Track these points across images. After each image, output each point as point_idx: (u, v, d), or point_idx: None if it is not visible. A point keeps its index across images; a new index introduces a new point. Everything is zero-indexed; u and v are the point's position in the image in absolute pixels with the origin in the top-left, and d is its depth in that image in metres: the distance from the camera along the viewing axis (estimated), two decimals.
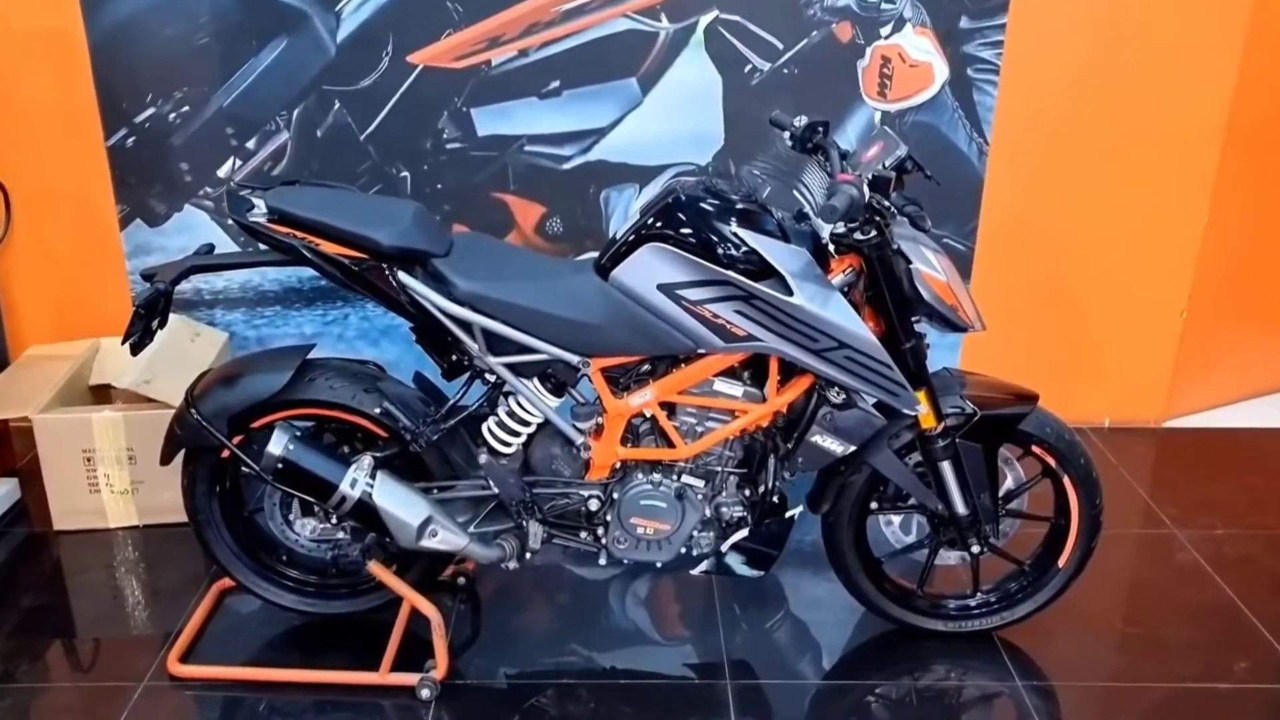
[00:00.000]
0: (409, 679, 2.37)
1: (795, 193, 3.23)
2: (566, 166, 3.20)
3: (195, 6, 3.00)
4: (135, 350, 2.22)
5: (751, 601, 2.69)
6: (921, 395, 2.24)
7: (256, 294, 3.33)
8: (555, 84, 3.12)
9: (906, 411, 2.24)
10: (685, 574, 2.75)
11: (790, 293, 2.11)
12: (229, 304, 3.33)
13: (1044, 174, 3.30)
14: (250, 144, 3.16)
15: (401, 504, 2.28)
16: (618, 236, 2.23)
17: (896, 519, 2.53)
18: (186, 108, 3.11)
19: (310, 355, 2.38)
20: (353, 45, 3.06)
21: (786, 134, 2.35)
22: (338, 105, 3.12)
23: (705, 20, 3.07)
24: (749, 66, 3.11)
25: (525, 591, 2.75)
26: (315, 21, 3.04)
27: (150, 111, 3.11)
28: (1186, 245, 3.38)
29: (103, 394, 3.16)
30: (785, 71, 3.12)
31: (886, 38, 3.10)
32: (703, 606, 2.69)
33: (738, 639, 2.57)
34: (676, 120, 3.15)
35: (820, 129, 2.30)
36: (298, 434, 2.28)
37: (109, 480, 2.93)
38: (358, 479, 2.26)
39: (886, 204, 2.05)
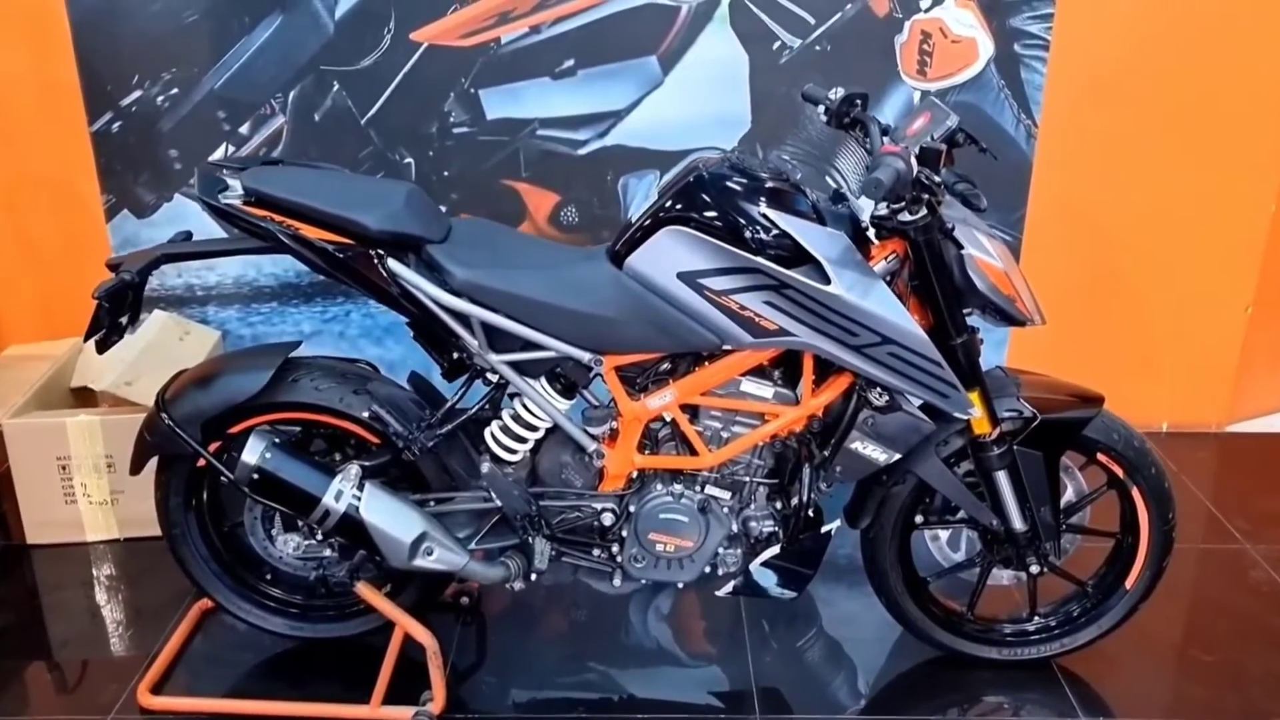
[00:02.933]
0: (403, 713, 2.15)
1: (828, 179, 2.99)
2: (582, 152, 2.97)
3: None
4: (101, 348, 2.02)
5: (781, 618, 2.46)
6: (974, 396, 1.99)
7: (252, 289, 3.12)
8: (570, 63, 2.90)
9: (958, 415, 2.00)
10: (709, 593, 2.52)
11: (827, 281, 1.87)
12: (222, 300, 3.12)
13: (1097, 158, 3.06)
14: (244, 129, 2.95)
15: (393, 519, 2.05)
16: (633, 220, 2.00)
17: (944, 534, 2.28)
18: (175, 90, 2.91)
19: (297, 353, 2.16)
20: (352, 22, 2.84)
21: (821, 108, 2.11)
22: (337, 87, 2.91)
23: None
24: (777, 43, 2.88)
25: (535, 611, 2.52)
26: None
27: (137, 94, 2.91)
28: (1253, 235, 3.13)
29: (86, 398, 2.95)
30: (817, 48, 2.88)
31: (926, 11, 2.86)
32: (729, 624, 2.45)
33: (767, 660, 2.34)
34: (700, 102, 2.92)
35: (858, 101, 2.06)
36: (276, 440, 2.06)
37: (86, 490, 2.73)
38: (343, 491, 2.04)
39: (937, 179, 1.80)
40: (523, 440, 2.12)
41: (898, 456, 2.03)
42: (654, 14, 2.85)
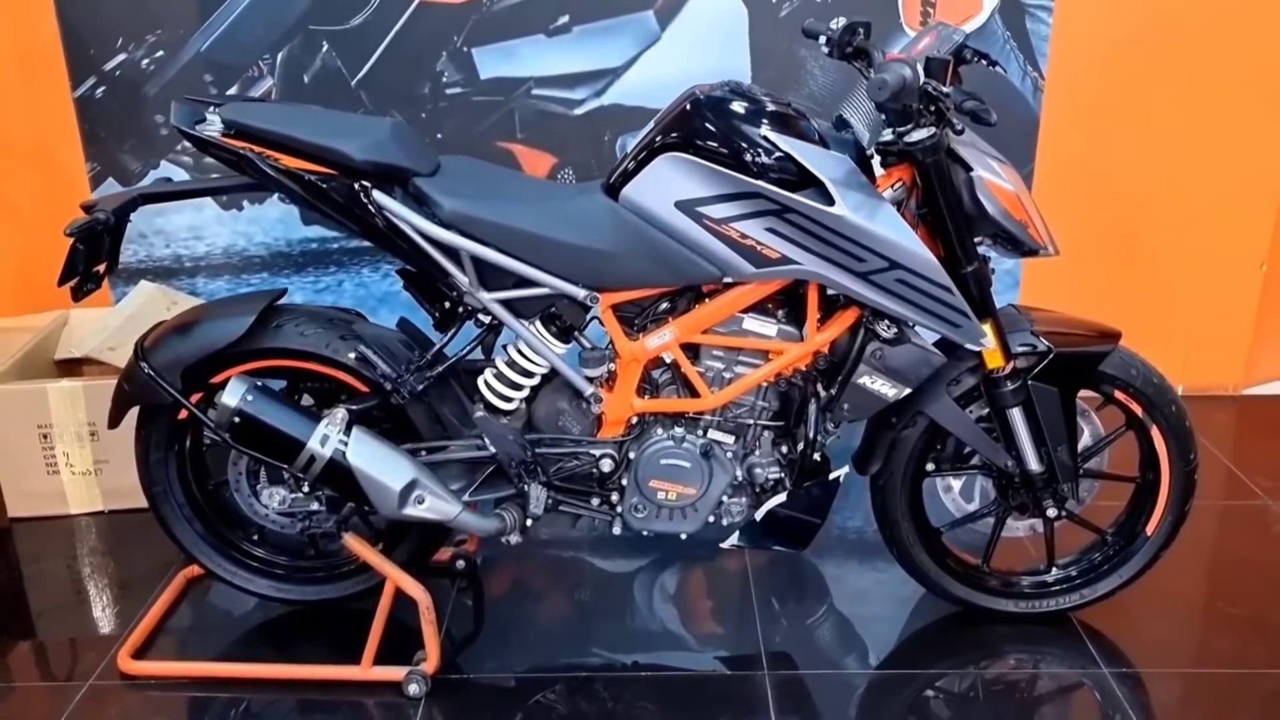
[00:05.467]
0: (395, 673, 2.06)
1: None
2: (578, 111, 2.91)
3: None
4: (76, 296, 1.94)
5: (791, 594, 2.35)
6: (987, 327, 1.91)
7: (242, 259, 3.04)
8: (564, 19, 2.83)
9: (970, 346, 1.91)
10: (715, 566, 2.44)
11: (831, 203, 1.79)
12: (211, 271, 3.05)
13: (1106, 111, 2.98)
14: (231, 92, 2.88)
15: (381, 464, 1.96)
16: (628, 151, 1.93)
17: (956, 484, 2.19)
18: (161, 53, 2.85)
19: (282, 301, 2.08)
20: None
21: (822, 40, 2.03)
22: (326, 47, 2.85)
23: None
24: None
25: (535, 581, 2.42)
26: None
27: (121, 58, 2.85)
28: (1267, 190, 3.05)
29: (70, 370, 2.87)
30: (817, 1, 2.81)
31: None
32: (738, 602, 2.33)
33: (777, 639, 2.22)
34: (698, 57, 2.85)
35: (860, 30, 1.98)
36: (259, 384, 1.97)
37: (69, 459, 2.64)
38: (329, 435, 1.95)
39: (944, 90, 1.72)
40: (518, 388, 2.04)
41: (907, 391, 1.94)
42: None
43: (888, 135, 1.85)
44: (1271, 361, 3.26)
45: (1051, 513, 2.08)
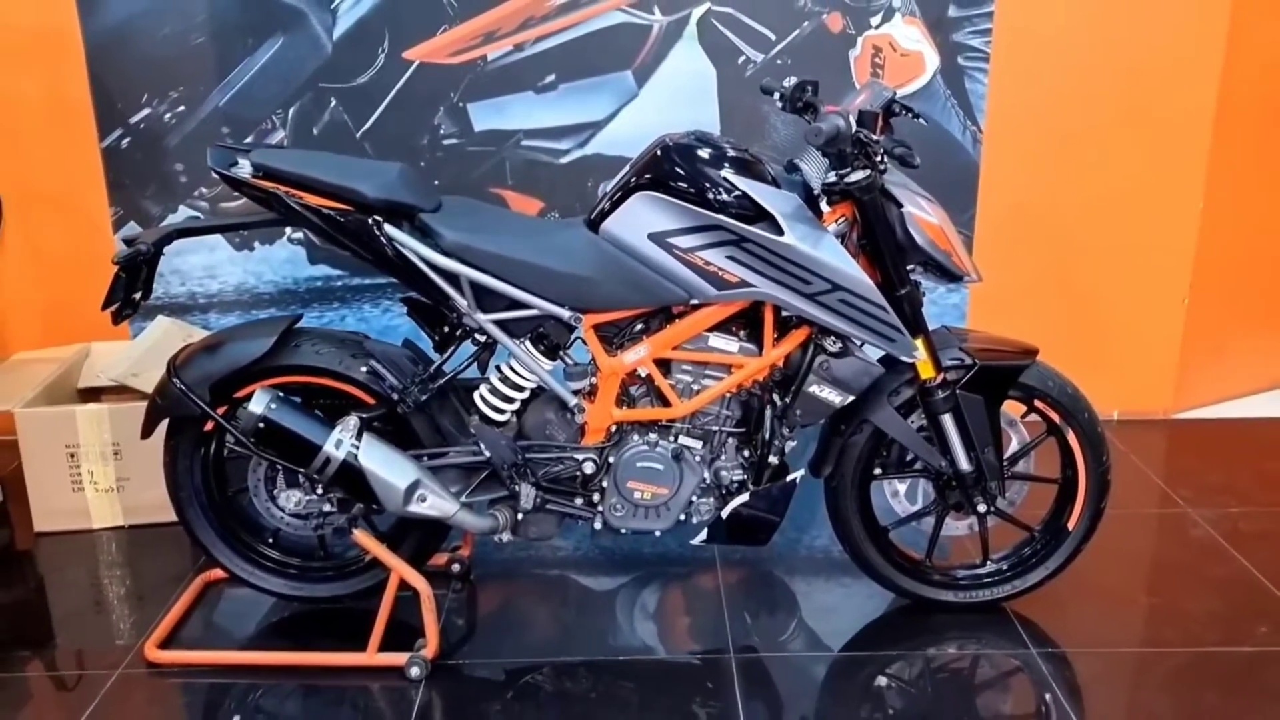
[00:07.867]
0: (398, 659, 2.28)
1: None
2: (564, 160, 3.19)
3: (192, 5, 3.04)
4: (116, 319, 2.18)
5: (763, 609, 2.55)
6: (919, 342, 2.18)
7: (252, 296, 3.30)
8: (551, 78, 3.13)
9: (904, 359, 2.19)
10: (690, 584, 2.66)
11: (781, 233, 2.07)
12: (223, 307, 3.30)
13: (1039, 159, 3.29)
14: (246, 143, 3.15)
15: (389, 466, 2.21)
16: (607, 190, 2.21)
17: (901, 487, 2.45)
18: (182, 108, 3.12)
19: (299, 325, 2.34)
20: (349, 42, 3.08)
21: (776, 96, 2.33)
22: (334, 102, 3.13)
23: (698, 12, 3.09)
24: (742, 58, 3.13)
25: (524, 588, 2.64)
26: (312, 19, 3.06)
27: (146, 112, 3.12)
28: (1184, 230, 3.34)
29: (92, 399, 3.10)
30: (778, 62, 3.13)
31: (877, 27, 3.11)
32: (713, 616, 2.52)
33: (744, 632, 2.44)
34: (672, 112, 3.15)
35: (809, 88, 2.28)
36: (281, 395, 2.22)
37: (93, 477, 2.86)
38: (343, 439, 2.20)
39: (874, 138, 2.02)
40: (510, 400, 2.29)
41: (851, 399, 2.21)
42: (628, 32, 3.09)
43: (832, 177, 2.14)
44: (1197, 388, 3.55)
45: (982, 508, 2.34)
